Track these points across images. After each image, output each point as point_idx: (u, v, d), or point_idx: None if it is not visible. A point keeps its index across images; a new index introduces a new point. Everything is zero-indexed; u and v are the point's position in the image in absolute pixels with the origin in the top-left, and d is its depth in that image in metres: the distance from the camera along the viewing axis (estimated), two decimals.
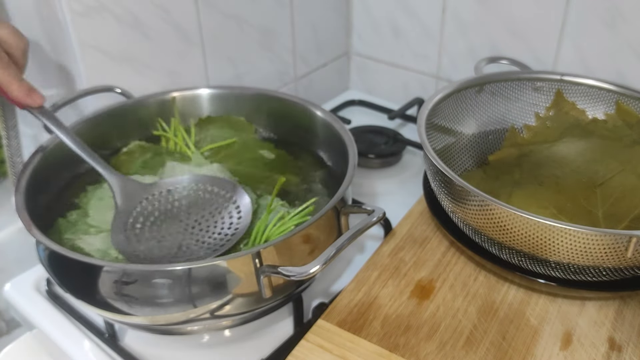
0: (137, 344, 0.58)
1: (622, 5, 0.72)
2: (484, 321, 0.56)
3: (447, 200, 0.59)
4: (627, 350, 0.53)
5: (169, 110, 0.72)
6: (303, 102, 0.70)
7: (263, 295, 0.50)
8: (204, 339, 0.59)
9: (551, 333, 0.55)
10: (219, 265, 0.48)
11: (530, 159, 0.71)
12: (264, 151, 0.70)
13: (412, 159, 0.85)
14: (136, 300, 0.49)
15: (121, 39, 0.68)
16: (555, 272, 0.54)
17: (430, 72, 0.94)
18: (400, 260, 0.63)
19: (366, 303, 0.58)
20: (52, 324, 0.60)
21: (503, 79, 0.73)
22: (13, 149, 0.67)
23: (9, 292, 0.64)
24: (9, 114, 0.65)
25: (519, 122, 0.74)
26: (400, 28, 0.94)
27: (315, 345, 0.53)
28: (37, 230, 0.50)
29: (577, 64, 0.79)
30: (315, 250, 0.53)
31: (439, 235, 0.66)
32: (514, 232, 0.52)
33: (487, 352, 0.53)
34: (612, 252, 0.50)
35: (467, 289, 0.59)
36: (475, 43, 0.87)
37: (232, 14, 0.79)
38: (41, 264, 0.54)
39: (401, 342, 0.54)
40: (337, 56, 1.01)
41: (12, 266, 0.66)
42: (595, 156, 0.68)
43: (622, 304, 0.58)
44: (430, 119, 0.66)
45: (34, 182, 0.57)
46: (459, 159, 0.70)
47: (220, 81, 0.82)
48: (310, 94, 0.98)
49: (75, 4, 0.63)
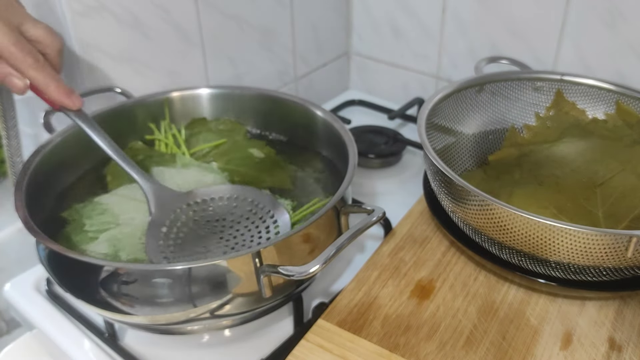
0: (137, 344, 0.58)
1: (622, 5, 0.72)
2: (484, 321, 0.56)
3: (447, 200, 0.59)
4: (627, 350, 0.53)
5: (169, 110, 0.72)
6: (303, 102, 0.70)
7: (263, 295, 0.50)
8: (204, 338, 0.58)
9: (551, 333, 0.55)
10: (219, 264, 0.48)
11: (530, 159, 0.71)
12: (254, 150, 0.70)
13: (412, 159, 0.85)
14: (136, 299, 0.49)
15: (121, 39, 0.68)
16: (556, 272, 0.54)
17: (430, 72, 0.94)
18: (400, 260, 0.63)
19: (366, 303, 0.58)
20: (52, 324, 0.60)
21: (503, 78, 0.73)
22: (13, 149, 0.67)
23: (9, 292, 0.64)
24: (9, 114, 0.65)
25: (519, 122, 0.74)
26: (400, 28, 0.94)
27: (315, 345, 0.53)
28: (37, 230, 0.50)
29: (577, 64, 0.79)
30: (315, 250, 0.53)
31: (439, 235, 0.66)
32: (514, 232, 0.52)
33: (487, 352, 0.53)
34: (612, 252, 0.50)
35: (467, 289, 0.59)
36: (475, 43, 0.87)
37: (232, 14, 0.79)
38: (41, 263, 0.54)
39: (401, 342, 0.54)
40: (337, 56, 1.01)
41: (12, 266, 0.66)
42: (595, 156, 0.68)
43: (622, 304, 0.58)
44: (430, 119, 0.66)
45: (34, 182, 0.57)
46: (459, 159, 0.70)
47: (220, 81, 0.82)
48: (310, 94, 0.98)
49: (75, 4, 0.63)
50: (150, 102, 0.70)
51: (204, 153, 0.70)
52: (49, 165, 0.61)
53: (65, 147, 0.63)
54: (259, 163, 0.68)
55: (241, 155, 0.69)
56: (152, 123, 0.71)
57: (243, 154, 0.69)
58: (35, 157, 0.59)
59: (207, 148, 0.70)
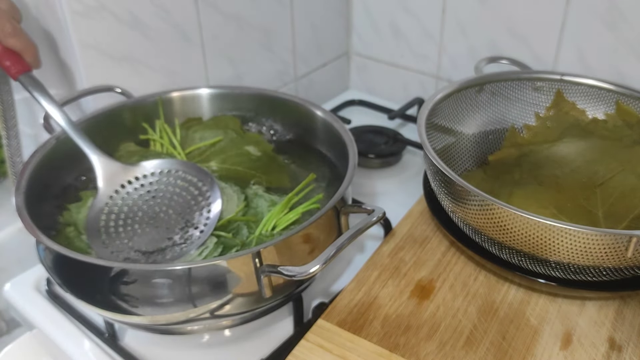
0: (137, 344, 0.58)
1: (622, 5, 0.72)
2: (484, 321, 0.56)
3: (447, 200, 0.59)
4: (627, 350, 0.53)
5: (169, 110, 0.72)
6: (303, 102, 0.70)
7: (263, 295, 0.50)
8: (204, 338, 0.58)
9: (551, 333, 0.55)
10: (219, 264, 0.48)
11: (530, 159, 0.71)
12: (250, 147, 0.70)
13: (412, 159, 0.85)
14: (136, 299, 0.49)
15: (121, 39, 0.68)
16: (556, 272, 0.54)
17: (430, 72, 0.94)
18: (400, 260, 0.63)
19: (366, 303, 0.58)
20: (52, 324, 0.60)
21: (503, 78, 0.73)
22: (13, 149, 0.67)
23: (9, 292, 0.64)
24: (9, 114, 0.65)
25: (519, 122, 0.74)
26: (400, 28, 0.94)
27: (315, 345, 0.53)
28: (37, 230, 0.50)
29: (577, 64, 0.79)
30: (315, 250, 0.53)
31: (439, 235, 0.66)
32: (514, 232, 0.52)
33: (487, 352, 0.53)
34: (612, 252, 0.50)
35: (467, 289, 0.59)
36: (475, 43, 0.87)
37: (232, 14, 0.79)
38: (41, 263, 0.54)
39: (401, 342, 0.54)
40: (337, 56, 1.01)
41: (12, 266, 0.66)
42: (595, 156, 0.68)
43: (622, 304, 0.58)
44: (430, 118, 0.66)
45: (33, 182, 0.57)
46: (459, 159, 0.70)
47: (220, 81, 0.82)
48: (310, 94, 0.98)
49: (75, 4, 0.63)
50: (150, 102, 0.70)
51: (200, 152, 0.69)
52: (49, 165, 0.61)
53: (65, 147, 0.63)
54: (256, 161, 0.69)
55: (237, 152, 0.69)
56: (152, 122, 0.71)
57: (239, 151, 0.69)
58: (35, 157, 0.59)
59: (203, 147, 0.70)
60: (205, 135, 0.71)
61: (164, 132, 0.70)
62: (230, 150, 0.69)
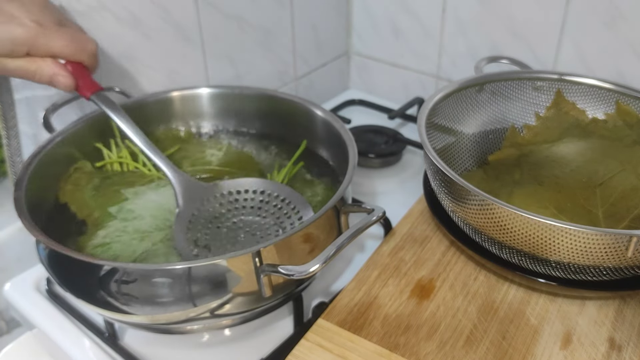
0: (137, 343, 0.58)
1: (622, 5, 0.72)
2: (484, 321, 0.56)
3: (447, 200, 0.59)
4: (627, 350, 0.53)
5: (169, 110, 0.72)
6: (303, 102, 0.70)
7: (263, 294, 0.50)
8: (203, 338, 0.59)
9: (551, 332, 0.55)
10: (218, 264, 0.48)
11: (530, 159, 0.71)
12: (210, 150, 0.71)
13: (412, 159, 0.85)
14: (136, 299, 0.49)
15: (121, 39, 0.68)
16: (556, 272, 0.54)
17: (430, 72, 0.94)
18: (400, 259, 0.63)
19: (366, 302, 0.58)
20: (52, 324, 0.60)
21: (503, 78, 0.73)
22: (13, 148, 0.67)
23: (9, 291, 0.64)
24: (9, 114, 0.65)
25: (519, 121, 0.74)
26: (400, 28, 0.94)
27: (315, 345, 0.53)
28: (37, 230, 0.50)
29: (577, 63, 0.79)
30: (315, 249, 0.53)
31: (439, 235, 0.66)
32: (514, 232, 0.52)
33: (487, 352, 0.53)
34: (613, 252, 0.50)
35: (467, 289, 0.59)
36: (475, 43, 0.87)
37: (232, 14, 0.79)
38: (41, 263, 0.54)
39: (401, 341, 0.54)
40: (337, 56, 1.01)
41: (12, 266, 0.66)
42: (595, 156, 0.68)
43: (622, 304, 0.58)
44: (430, 118, 0.66)
45: (34, 182, 0.57)
46: (459, 158, 0.70)
47: (220, 81, 0.82)
48: (310, 93, 0.98)
49: (75, 4, 0.63)
50: (150, 102, 0.70)
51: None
52: (49, 165, 0.61)
53: (65, 146, 0.63)
54: (223, 158, 0.69)
55: (202, 155, 0.70)
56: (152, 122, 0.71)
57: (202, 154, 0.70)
58: (35, 157, 0.59)
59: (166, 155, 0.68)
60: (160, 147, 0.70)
61: (123, 148, 0.68)
62: (194, 155, 0.70)
